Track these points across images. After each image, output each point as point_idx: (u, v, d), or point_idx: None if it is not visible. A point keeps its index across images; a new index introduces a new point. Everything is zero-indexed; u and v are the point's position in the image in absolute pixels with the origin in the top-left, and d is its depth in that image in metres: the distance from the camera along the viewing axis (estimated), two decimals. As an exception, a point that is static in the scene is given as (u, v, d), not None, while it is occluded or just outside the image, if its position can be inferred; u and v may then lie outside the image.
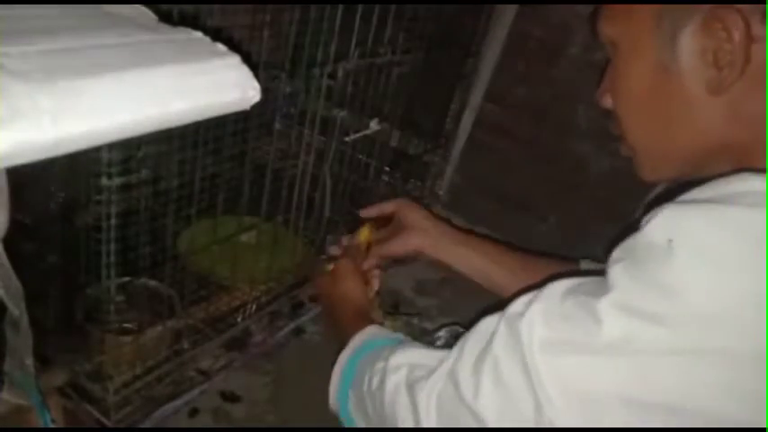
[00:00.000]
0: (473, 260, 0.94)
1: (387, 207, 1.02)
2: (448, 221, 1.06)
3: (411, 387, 0.62)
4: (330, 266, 0.98)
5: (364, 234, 1.01)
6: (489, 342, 0.54)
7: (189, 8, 0.75)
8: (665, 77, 0.53)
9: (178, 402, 0.95)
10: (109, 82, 0.42)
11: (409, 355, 0.67)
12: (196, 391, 0.98)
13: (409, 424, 0.61)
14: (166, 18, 0.56)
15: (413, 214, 0.97)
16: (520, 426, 0.51)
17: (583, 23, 1.32)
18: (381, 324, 0.85)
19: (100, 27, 0.50)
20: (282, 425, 1.00)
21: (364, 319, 0.84)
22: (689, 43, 0.50)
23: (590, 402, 0.47)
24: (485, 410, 0.53)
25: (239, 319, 1.07)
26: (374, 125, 1.16)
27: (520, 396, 0.50)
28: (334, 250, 1.03)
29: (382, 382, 0.66)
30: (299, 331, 1.15)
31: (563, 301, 0.50)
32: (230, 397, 1.01)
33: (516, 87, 1.44)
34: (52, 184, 0.95)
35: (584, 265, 0.91)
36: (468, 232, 1.03)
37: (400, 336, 0.79)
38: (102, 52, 0.46)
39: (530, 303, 0.52)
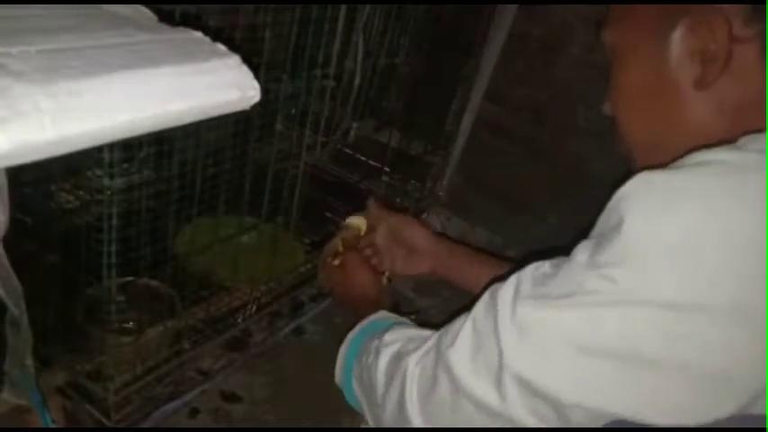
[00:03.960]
0: (481, 279, 0.97)
1: (377, 217, 1.02)
2: (442, 234, 1.08)
3: (402, 356, 0.67)
4: (336, 261, 0.98)
5: (359, 224, 1.01)
6: (472, 309, 0.60)
7: (190, 8, 0.75)
8: (658, 76, 0.59)
9: (178, 402, 0.95)
10: (109, 82, 0.42)
11: (403, 332, 0.72)
12: (196, 391, 0.98)
13: (396, 393, 0.65)
14: (167, 18, 0.56)
15: (418, 237, 1.00)
16: (483, 378, 0.55)
17: (583, 23, 1.32)
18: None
19: (100, 27, 0.50)
20: (282, 425, 1.00)
21: (375, 306, 0.87)
22: (678, 44, 0.57)
23: (543, 344, 0.52)
24: (456, 362, 0.58)
25: (239, 320, 1.07)
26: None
27: (487, 343, 0.55)
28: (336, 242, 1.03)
29: (377, 354, 0.71)
30: (299, 331, 1.16)
31: (536, 269, 0.57)
32: (230, 397, 1.01)
33: (516, 87, 1.44)
34: (52, 184, 0.95)
35: None
36: (462, 244, 1.07)
37: (405, 320, 0.82)
38: (102, 52, 0.46)
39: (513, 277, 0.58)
